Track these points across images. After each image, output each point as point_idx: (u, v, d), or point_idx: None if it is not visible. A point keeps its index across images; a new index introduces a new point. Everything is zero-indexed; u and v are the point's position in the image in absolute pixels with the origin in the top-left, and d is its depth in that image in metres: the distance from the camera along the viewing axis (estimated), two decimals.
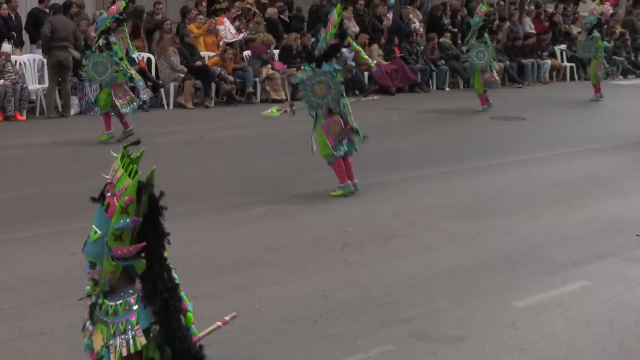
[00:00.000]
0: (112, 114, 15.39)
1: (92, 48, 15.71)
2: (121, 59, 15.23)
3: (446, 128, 18.94)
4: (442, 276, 9.04)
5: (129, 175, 4.01)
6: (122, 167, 4.04)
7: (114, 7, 15.30)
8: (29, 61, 18.88)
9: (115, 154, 4.11)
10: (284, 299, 8.22)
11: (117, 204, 3.96)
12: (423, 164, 14.47)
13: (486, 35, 21.33)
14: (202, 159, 14.59)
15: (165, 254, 4.30)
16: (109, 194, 4.03)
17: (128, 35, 15.74)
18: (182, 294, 4.28)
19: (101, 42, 15.03)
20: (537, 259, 9.80)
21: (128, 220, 3.96)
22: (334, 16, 11.88)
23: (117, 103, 15.18)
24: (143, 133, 16.45)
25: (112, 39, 14.98)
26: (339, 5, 12.27)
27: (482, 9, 20.99)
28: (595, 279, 9.20)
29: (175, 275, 4.32)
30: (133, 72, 15.80)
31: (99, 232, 4.04)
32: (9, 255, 9.28)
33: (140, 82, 16.25)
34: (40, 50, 19.16)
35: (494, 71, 21.18)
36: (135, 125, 15.60)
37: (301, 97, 11.93)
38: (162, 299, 4.13)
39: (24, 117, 17.80)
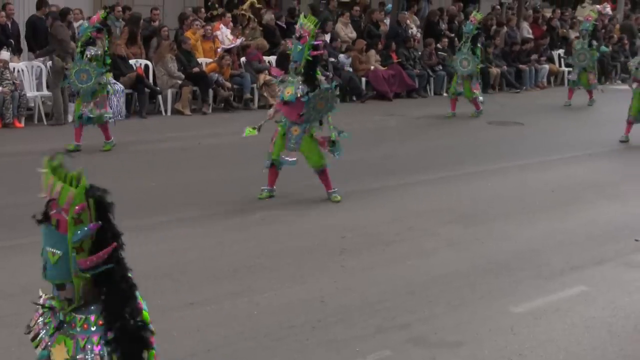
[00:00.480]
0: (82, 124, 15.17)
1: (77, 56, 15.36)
2: (108, 71, 15.23)
3: (443, 133, 18.95)
4: (440, 281, 9.07)
5: (70, 184, 3.87)
6: (59, 180, 3.88)
7: (94, 17, 15.20)
8: (27, 68, 18.87)
9: (42, 170, 3.92)
10: (282, 305, 8.23)
11: (67, 217, 3.79)
12: (420, 169, 14.48)
13: (479, 45, 21.39)
14: (200, 165, 14.59)
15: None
16: (53, 212, 3.82)
17: (107, 45, 15.60)
18: (137, 293, 4.06)
19: (89, 53, 14.92)
20: (535, 264, 9.82)
21: (86, 228, 3.81)
22: (309, 26, 11.87)
23: (86, 109, 14.98)
24: (141, 140, 16.55)
25: (91, 51, 14.87)
26: (310, 15, 12.25)
27: (476, 16, 21.00)
28: (593, 284, 9.22)
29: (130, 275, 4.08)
30: (111, 88, 15.79)
31: (57, 252, 3.86)
32: (7, 262, 9.29)
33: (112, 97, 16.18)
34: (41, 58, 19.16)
35: (477, 83, 21.19)
36: (134, 131, 15.61)
37: (304, 113, 11.93)
38: (123, 302, 3.96)
39: (22, 124, 17.79)
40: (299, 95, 11.84)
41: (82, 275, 3.89)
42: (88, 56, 14.85)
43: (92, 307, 3.99)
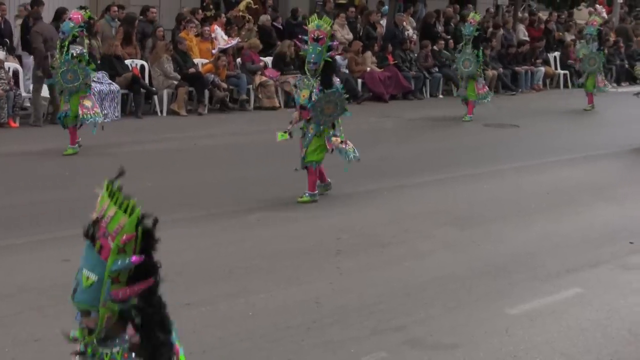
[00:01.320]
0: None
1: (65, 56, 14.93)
2: (93, 69, 15.19)
3: (440, 135, 18.98)
4: (436, 283, 9.08)
5: (124, 211, 3.70)
6: (114, 204, 3.72)
7: (78, 16, 14.90)
8: (22, 68, 18.86)
9: (100, 190, 3.79)
10: (278, 306, 8.24)
11: (112, 244, 3.63)
12: (416, 171, 14.50)
13: (481, 47, 21.42)
14: (196, 166, 14.59)
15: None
16: (100, 235, 3.68)
17: (86, 45, 15.51)
18: (174, 336, 3.97)
19: (75, 52, 14.80)
20: (531, 266, 9.84)
21: (127, 260, 3.64)
22: (326, 28, 11.89)
23: (81, 112, 14.80)
24: (136, 140, 16.55)
25: (77, 50, 14.76)
26: (325, 17, 12.28)
27: (475, 18, 21.01)
28: (589, 286, 9.23)
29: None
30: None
31: (92, 277, 3.68)
32: (3, 262, 9.28)
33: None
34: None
35: (483, 83, 21.20)
36: (129, 132, 15.60)
37: (311, 117, 11.96)
38: (158, 342, 3.82)
39: (17, 124, 17.77)
40: (314, 98, 11.92)
41: (110, 306, 3.70)
42: (74, 55, 14.77)
43: (117, 340, 3.82)
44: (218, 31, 22.18)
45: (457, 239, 10.83)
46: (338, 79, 13.00)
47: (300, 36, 13.47)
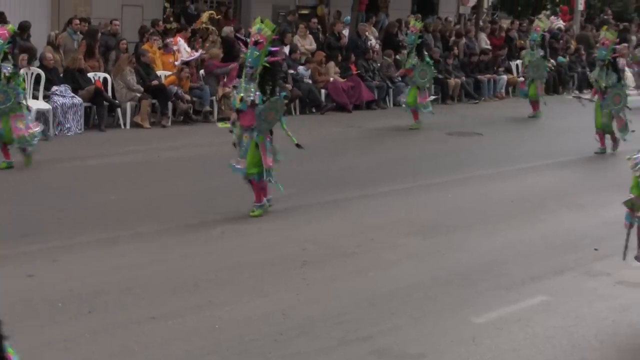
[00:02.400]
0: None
1: None
2: (24, 89, 15.01)
3: (403, 144, 18.99)
4: (401, 293, 9.08)
5: None
6: None
7: (4, 32, 14.58)
8: None
9: None
10: (244, 318, 8.21)
11: None
12: (380, 181, 14.50)
13: (425, 53, 21.40)
14: (160, 178, 14.52)
15: None
16: None
17: (16, 59, 15.31)
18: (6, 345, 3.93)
19: (6, 71, 14.48)
20: (496, 274, 9.87)
21: None
22: (266, 32, 11.72)
23: (17, 135, 14.55)
24: (100, 153, 16.45)
25: (7, 69, 14.46)
26: (267, 20, 12.10)
27: (416, 25, 20.90)
28: (554, 293, 9.27)
29: None
30: (28, 104, 15.38)
31: None
32: None
33: (29, 117, 15.38)
34: None
35: (426, 95, 21.11)
36: (93, 145, 15.49)
37: (255, 126, 11.84)
38: None
39: None
40: (250, 102, 11.78)
41: None
42: (6, 74, 14.50)
43: None
44: (181, 43, 22.12)
45: (422, 249, 10.85)
46: (289, 86, 12.78)
47: (243, 39, 13.26)
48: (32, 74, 18.48)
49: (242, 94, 11.86)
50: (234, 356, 7.30)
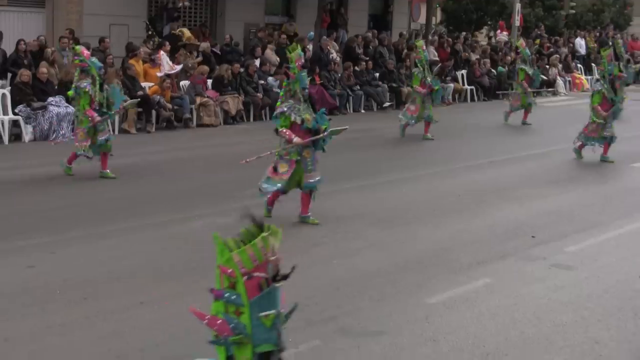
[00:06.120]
0: None
1: None
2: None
3: (361, 147, 18.96)
4: (363, 279, 9.10)
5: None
6: None
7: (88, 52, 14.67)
8: None
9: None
10: None
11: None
12: (343, 179, 14.47)
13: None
14: (145, 179, 14.45)
15: None
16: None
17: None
18: None
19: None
20: (446, 260, 9.92)
21: None
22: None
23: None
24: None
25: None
26: (295, 44, 11.99)
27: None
28: (497, 276, 9.34)
29: None
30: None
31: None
32: None
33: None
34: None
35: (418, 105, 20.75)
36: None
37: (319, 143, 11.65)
38: None
39: None
40: (325, 128, 11.50)
41: None
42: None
43: None
44: (164, 57, 22.05)
45: (381, 238, 10.88)
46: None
47: (286, 65, 12.89)
48: None
49: (307, 114, 11.52)
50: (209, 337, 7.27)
